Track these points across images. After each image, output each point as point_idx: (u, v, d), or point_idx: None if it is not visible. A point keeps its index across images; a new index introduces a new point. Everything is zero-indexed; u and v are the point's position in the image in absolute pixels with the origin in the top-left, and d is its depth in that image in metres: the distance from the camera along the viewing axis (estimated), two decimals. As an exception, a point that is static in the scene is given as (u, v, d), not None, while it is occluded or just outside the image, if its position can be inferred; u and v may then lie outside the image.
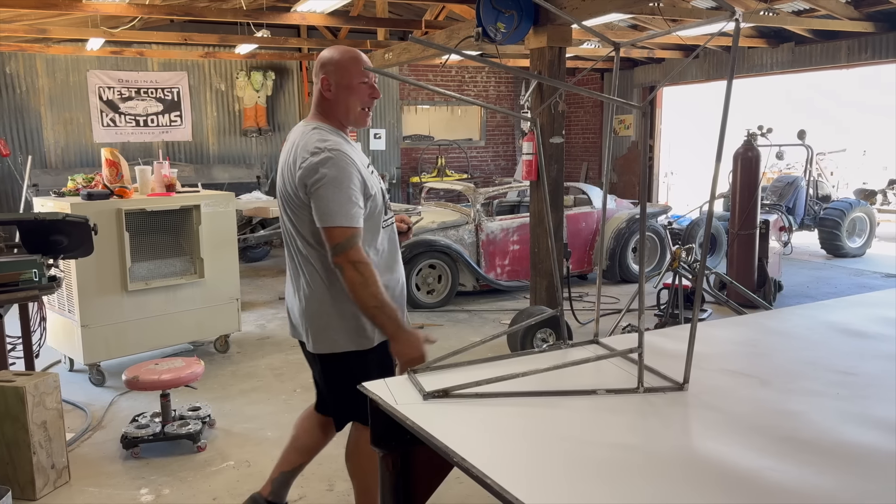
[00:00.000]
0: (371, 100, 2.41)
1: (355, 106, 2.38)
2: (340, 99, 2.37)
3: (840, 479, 1.33)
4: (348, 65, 2.35)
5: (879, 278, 8.37)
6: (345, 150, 2.30)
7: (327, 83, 2.37)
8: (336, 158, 2.26)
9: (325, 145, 2.28)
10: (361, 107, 2.40)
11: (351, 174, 2.26)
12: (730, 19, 1.60)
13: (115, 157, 5.03)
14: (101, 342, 4.81)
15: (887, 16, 8.31)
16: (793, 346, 2.19)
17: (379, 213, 2.42)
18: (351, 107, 2.38)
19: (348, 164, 2.27)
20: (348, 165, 2.27)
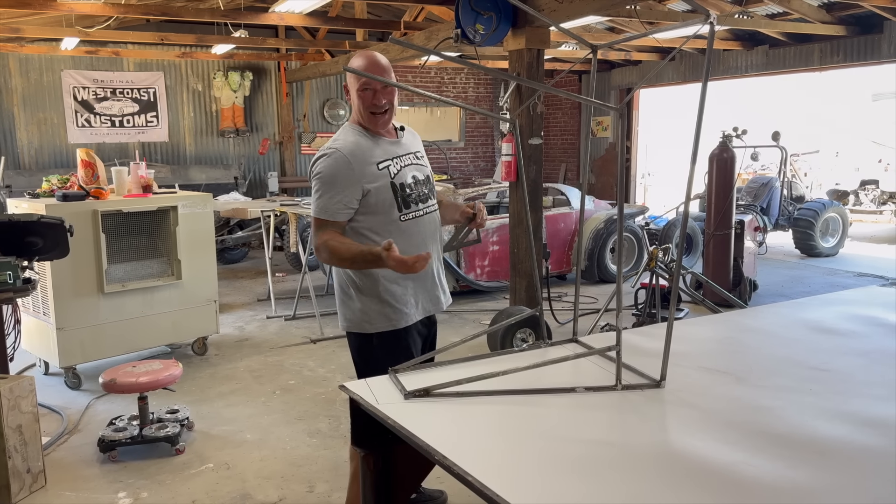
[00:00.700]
0: (373, 105, 2.49)
1: (362, 110, 2.52)
2: (354, 103, 2.54)
3: (812, 473, 1.36)
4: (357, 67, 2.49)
5: (852, 277, 8.51)
6: (344, 150, 2.44)
7: (346, 88, 2.57)
8: (330, 157, 2.44)
9: (330, 145, 2.49)
10: (367, 111, 2.51)
11: (336, 173, 2.42)
12: (704, 22, 1.63)
13: (90, 158, 4.97)
14: (77, 345, 4.76)
15: (858, 19, 8.46)
16: (767, 344, 2.23)
17: (386, 209, 2.50)
18: (360, 111, 2.52)
19: (337, 163, 2.42)
20: (338, 164, 2.42)
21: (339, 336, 6.04)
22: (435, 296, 2.69)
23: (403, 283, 2.56)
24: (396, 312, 2.55)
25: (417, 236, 2.57)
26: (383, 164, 2.50)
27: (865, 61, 8.75)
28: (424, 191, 2.62)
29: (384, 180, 2.48)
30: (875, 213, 14.13)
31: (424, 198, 2.61)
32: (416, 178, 2.59)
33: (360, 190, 2.44)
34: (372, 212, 2.48)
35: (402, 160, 2.57)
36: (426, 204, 2.62)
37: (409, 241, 2.54)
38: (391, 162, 2.53)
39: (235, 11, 8.41)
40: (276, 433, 4.07)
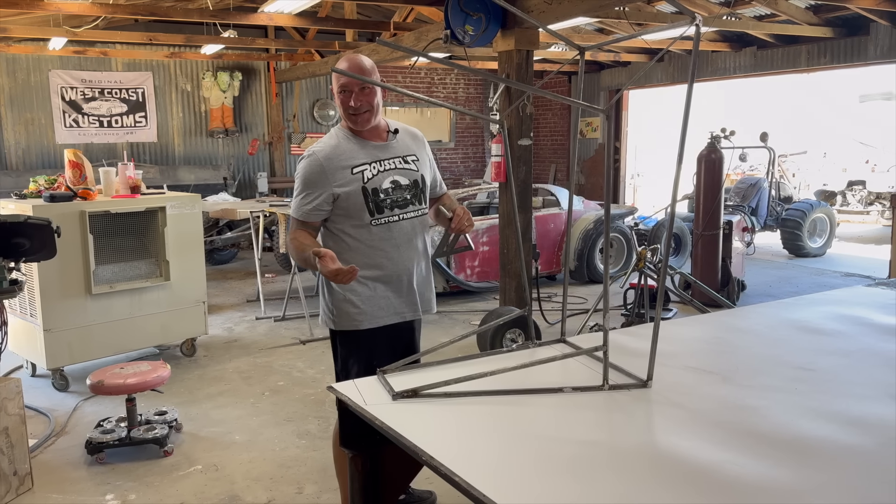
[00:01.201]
0: (348, 106, 2.53)
1: (343, 112, 2.58)
2: (338, 101, 2.60)
3: (797, 471, 1.37)
4: (336, 76, 2.55)
5: (839, 277, 8.57)
6: (321, 153, 2.55)
7: (333, 90, 2.61)
8: (307, 160, 2.57)
9: (313, 148, 2.60)
10: (345, 112, 2.56)
11: (308, 175, 2.54)
12: (690, 24, 1.64)
13: (78, 159, 4.94)
14: (65, 346, 4.73)
15: (845, 21, 8.53)
16: (754, 344, 2.24)
17: (357, 213, 2.55)
18: (342, 112, 2.59)
19: (311, 166, 2.55)
20: (311, 167, 2.54)
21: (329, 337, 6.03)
22: (411, 301, 2.69)
23: (373, 284, 2.60)
24: (361, 313, 2.60)
25: (390, 241, 2.60)
26: (359, 168, 2.55)
27: (852, 63, 8.81)
28: (406, 196, 2.62)
29: (355, 185, 2.53)
30: (862, 214, 14.25)
31: (404, 203, 2.62)
32: (396, 182, 2.60)
33: (330, 194, 2.53)
34: (345, 214, 2.57)
35: (382, 164, 2.59)
36: (405, 210, 2.62)
37: (382, 245, 2.59)
38: (367, 166, 2.56)
39: (224, 11, 8.39)
40: (265, 434, 4.06)
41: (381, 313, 2.64)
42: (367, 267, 2.57)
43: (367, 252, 2.59)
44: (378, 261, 2.60)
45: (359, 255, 2.57)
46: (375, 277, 2.61)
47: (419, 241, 2.71)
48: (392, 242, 2.61)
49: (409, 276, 2.67)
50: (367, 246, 2.58)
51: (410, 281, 2.68)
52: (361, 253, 2.58)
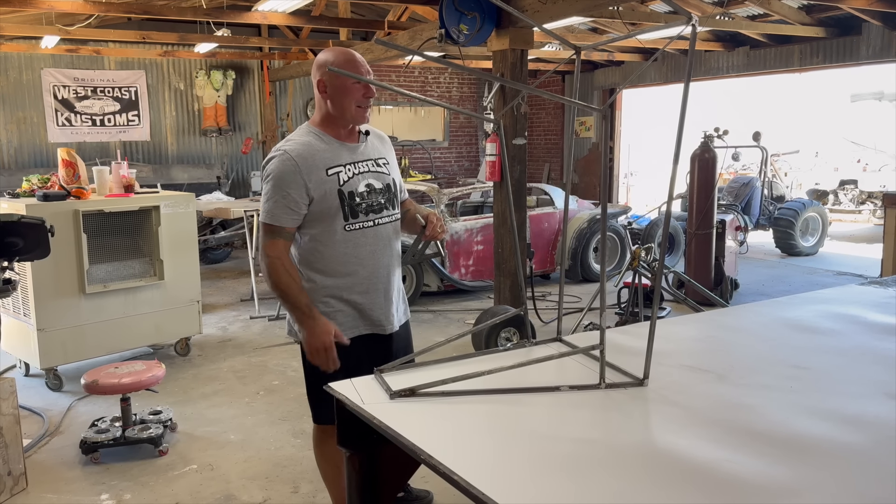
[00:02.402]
0: (366, 98, 2.44)
1: (350, 105, 2.43)
2: (335, 100, 2.43)
3: (793, 469, 1.38)
4: (342, 67, 2.38)
5: (831, 276, 8.62)
6: (293, 151, 2.39)
7: (323, 85, 2.44)
8: (277, 159, 2.40)
9: (280, 146, 2.44)
10: (357, 105, 2.44)
11: (282, 175, 2.37)
12: (686, 24, 1.65)
13: (71, 158, 4.92)
14: (58, 346, 4.72)
15: (837, 21, 8.57)
16: (748, 342, 2.26)
17: (330, 217, 2.43)
18: (346, 106, 2.43)
19: (283, 165, 2.38)
20: (285, 167, 2.38)
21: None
22: (387, 311, 2.58)
23: (346, 296, 2.48)
24: (335, 325, 2.45)
25: (364, 248, 2.49)
26: (333, 169, 2.43)
27: (844, 63, 8.86)
28: (380, 200, 2.52)
29: (331, 186, 2.41)
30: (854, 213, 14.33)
31: (378, 208, 2.51)
32: (371, 186, 2.50)
33: (306, 195, 2.38)
34: (316, 219, 2.42)
35: (356, 167, 2.48)
36: (379, 214, 2.52)
37: (354, 252, 2.47)
38: (342, 168, 2.45)
39: (218, 10, 8.36)
40: (260, 434, 4.06)
41: (356, 323, 2.52)
42: (340, 275, 2.46)
43: (341, 259, 2.46)
44: (352, 268, 2.48)
45: (331, 262, 2.46)
46: (349, 286, 2.49)
47: (393, 247, 2.59)
48: (367, 249, 2.49)
49: (385, 283, 2.56)
50: (341, 252, 2.45)
51: (387, 289, 2.57)
52: (334, 260, 2.46)
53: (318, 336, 2.36)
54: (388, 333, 2.61)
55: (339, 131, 2.49)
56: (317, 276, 2.47)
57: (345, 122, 2.48)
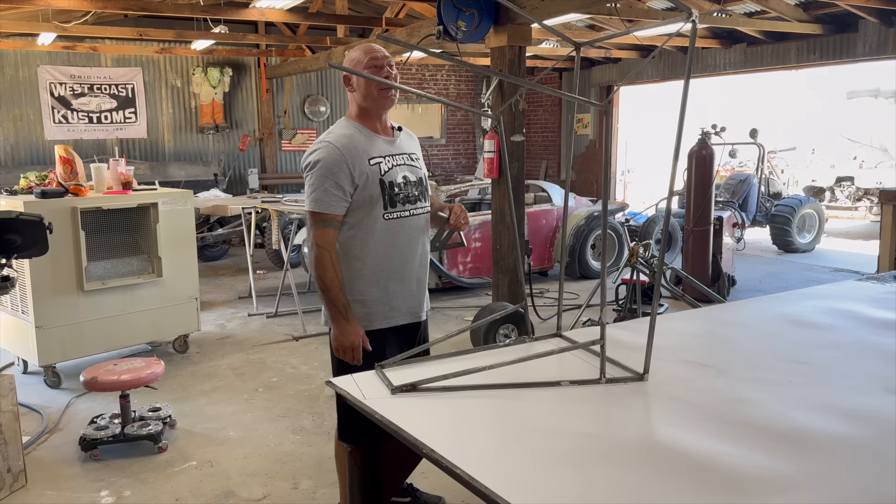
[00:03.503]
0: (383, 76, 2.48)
1: (372, 90, 2.49)
2: (360, 87, 2.51)
3: (793, 462, 1.39)
4: (359, 56, 2.50)
5: (828, 272, 8.64)
6: (336, 142, 2.45)
7: (347, 79, 2.55)
8: (323, 149, 2.45)
9: (323, 138, 2.50)
10: (378, 88, 2.49)
11: (329, 164, 2.42)
12: (686, 21, 1.65)
13: (69, 155, 4.92)
14: (57, 343, 4.71)
15: (834, 18, 8.58)
16: (747, 337, 2.27)
17: (370, 206, 2.49)
18: (368, 91, 2.50)
19: (329, 155, 2.43)
20: (331, 156, 2.43)
21: (322, 333, 6.04)
22: (420, 300, 2.68)
23: (383, 284, 2.55)
24: (371, 314, 2.54)
25: (401, 237, 2.56)
26: (374, 159, 2.50)
27: (841, 59, 8.88)
28: (415, 192, 2.60)
29: (373, 175, 2.48)
30: (850, 210, 14.37)
31: (413, 199, 2.59)
32: (406, 178, 2.57)
33: (351, 183, 2.44)
34: (357, 207, 2.48)
35: (394, 159, 2.56)
36: (414, 206, 2.59)
37: (392, 241, 2.54)
38: (383, 159, 2.52)
39: (215, 7, 8.34)
40: (260, 430, 4.06)
41: (393, 313, 2.59)
42: (378, 263, 2.53)
43: (380, 247, 2.52)
44: (390, 256, 2.54)
45: (371, 250, 2.51)
46: (387, 274, 2.55)
47: (424, 238, 2.67)
48: (403, 238, 2.57)
49: (418, 272, 2.64)
50: (380, 240, 2.52)
51: (420, 277, 2.66)
52: (373, 248, 2.51)
53: (349, 335, 2.46)
54: (419, 322, 2.70)
55: (375, 124, 2.57)
56: (356, 263, 2.52)
57: (375, 109, 2.54)
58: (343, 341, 2.47)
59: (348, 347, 2.46)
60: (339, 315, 2.46)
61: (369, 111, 2.54)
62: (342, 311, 2.45)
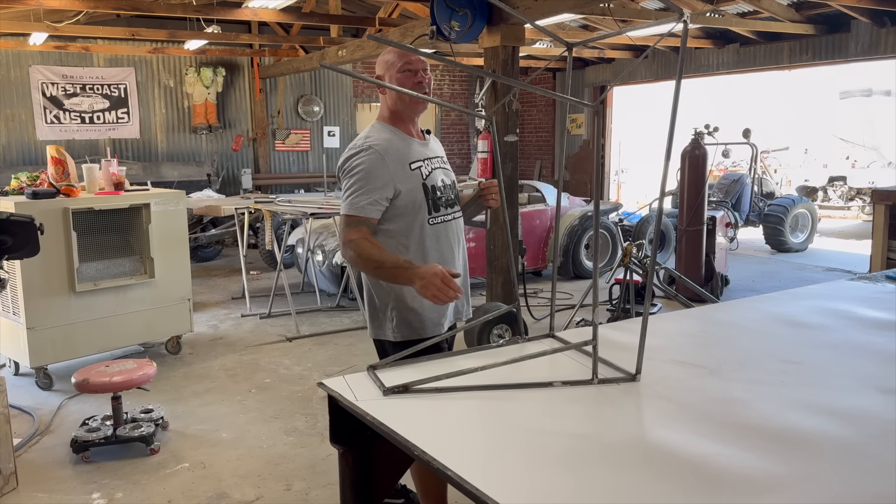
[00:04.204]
0: (419, 84, 2.45)
1: (403, 98, 2.45)
2: (392, 93, 2.46)
3: (784, 462, 1.39)
4: (393, 59, 2.46)
5: (821, 272, 8.67)
6: (378, 147, 2.39)
7: (381, 80, 2.48)
8: (364, 154, 2.38)
9: (363, 143, 2.42)
10: (407, 97, 2.44)
11: (370, 169, 2.35)
12: (678, 21, 1.65)
13: (60, 155, 4.89)
14: (48, 345, 4.69)
15: (826, 18, 8.61)
16: (739, 337, 2.27)
17: (414, 211, 2.43)
18: (400, 95, 2.44)
19: (371, 160, 2.37)
20: (372, 161, 2.36)
21: (315, 334, 6.03)
22: (464, 303, 2.64)
23: None
24: (423, 323, 2.46)
25: (445, 241, 2.51)
26: (415, 164, 2.44)
27: (833, 60, 8.91)
28: (451, 196, 2.56)
29: (416, 181, 2.42)
30: (843, 209, 14.43)
31: (452, 202, 2.55)
32: (444, 181, 2.54)
33: (392, 189, 2.36)
34: (400, 213, 2.41)
35: (431, 162, 2.51)
36: (454, 209, 2.56)
37: (437, 245, 2.48)
38: (423, 163, 2.47)
39: (208, 7, 8.31)
40: (253, 432, 4.05)
41: (443, 320, 2.52)
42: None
43: (426, 253, 2.44)
44: (436, 261, 2.44)
45: (417, 256, 2.43)
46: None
47: (463, 241, 2.63)
48: (446, 242, 2.51)
49: (462, 276, 2.56)
50: (426, 246, 2.45)
51: (464, 279, 2.60)
52: (420, 254, 2.44)
53: (428, 274, 2.13)
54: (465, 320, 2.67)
55: (409, 127, 2.52)
56: None
57: (408, 113, 2.49)
58: (428, 283, 2.12)
59: (436, 279, 2.11)
60: (407, 269, 2.22)
61: (402, 115, 2.49)
62: (405, 264, 2.25)
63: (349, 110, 12.56)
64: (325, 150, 12.25)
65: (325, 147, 12.28)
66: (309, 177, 12.02)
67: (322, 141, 12.30)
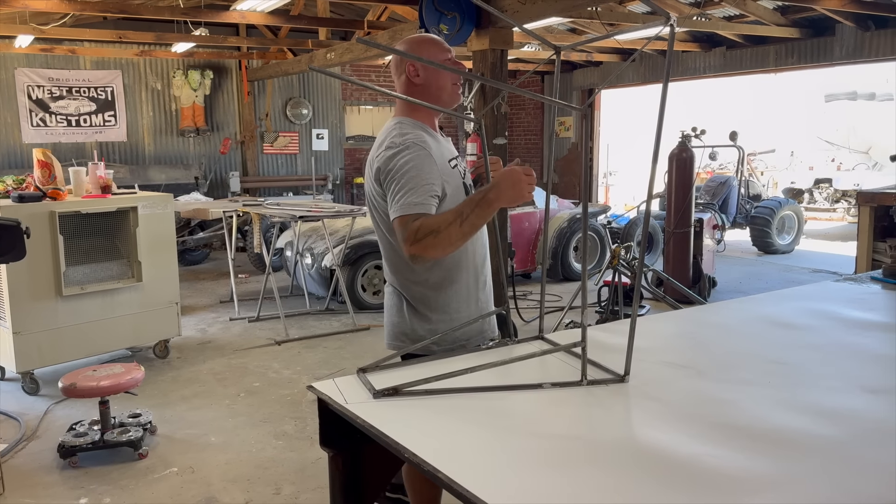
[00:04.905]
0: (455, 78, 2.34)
1: (446, 83, 2.31)
2: (431, 80, 2.30)
3: (772, 462, 1.40)
4: (429, 47, 2.30)
5: (807, 273, 8.74)
6: (423, 144, 2.21)
7: (414, 70, 2.29)
8: (412, 151, 2.18)
9: (402, 140, 2.21)
10: (452, 82, 2.33)
11: (421, 165, 2.16)
12: (665, 24, 1.66)
13: (47, 158, 4.86)
14: (35, 349, 4.65)
15: (812, 22, 8.69)
16: (727, 339, 2.28)
17: None
18: (442, 85, 2.30)
19: (422, 156, 2.18)
20: (422, 157, 2.18)
21: (305, 337, 6.02)
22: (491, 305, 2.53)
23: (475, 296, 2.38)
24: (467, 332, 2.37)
25: (479, 240, 2.42)
26: (452, 161, 2.33)
27: (818, 63, 8.99)
28: None
29: (457, 180, 2.30)
30: (829, 211, 14.54)
31: None
32: (470, 179, 2.46)
33: (441, 187, 2.19)
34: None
35: (459, 160, 2.40)
36: None
37: (472, 245, 2.36)
38: (457, 160, 2.36)
39: (195, 9, 8.30)
40: (242, 436, 4.04)
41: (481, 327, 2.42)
42: (469, 276, 2.37)
43: (464, 254, 2.32)
44: (476, 266, 2.38)
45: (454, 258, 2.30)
46: (475, 283, 2.38)
47: (486, 240, 2.51)
48: (480, 241, 2.41)
49: (488, 277, 2.50)
50: (469, 252, 2.33)
51: (488, 281, 2.51)
52: (464, 262, 2.34)
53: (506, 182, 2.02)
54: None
55: (434, 121, 2.38)
56: (454, 285, 2.35)
57: (441, 102, 2.31)
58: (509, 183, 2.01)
59: (516, 178, 2.02)
60: (485, 198, 2.05)
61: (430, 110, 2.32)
62: (479, 196, 2.06)
63: (338, 113, 12.54)
64: (314, 152, 12.23)
65: (313, 150, 12.26)
66: (298, 179, 12.00)
67: (311, 144, 12.27)
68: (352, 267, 6.83)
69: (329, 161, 12.43)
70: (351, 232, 6.76)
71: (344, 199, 12.43)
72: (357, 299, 6.83)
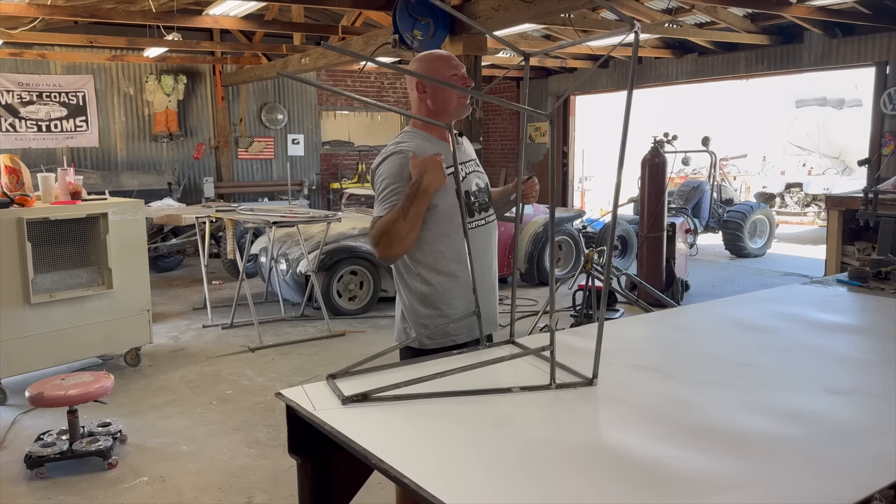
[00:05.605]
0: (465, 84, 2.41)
1: (452, 97, 2.39)
2: (437, 96, 2.40)
3: (736, 463, 1.42)
4: (437, 64, 2.40)
5: (778, 276, 8.86)
6: (409, 151, 2.32)
7: (421, 86, 2.40)
8: (395, 157, 2.33)
9: (392, 148, 2.38)
10: (458, 95, 2.39)
11: (399, 173, 2.29)
12: (629, 31, 1.68)
13: (15, 164, 4.79)
14: (2, 358, 4.57)
15: (781, 30, 8.84)
16: (695, 341, 2.31)
17: (452, 217, 2.37)
18: (448, 99, 2.40)
19: (400, 163, 2.31)
20: (400, 164, 2.31)
21: (279, 344, 5.97)
22: (495, 310, 2.59)
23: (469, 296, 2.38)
24: (458, 328, 2.42)
25: (479, 245, 2.46)
26: (449, 169, 2.36)
27: (788, 69, 9.14)
28: (485, 199, 2.53)
29: (451, 187, 2.34)
30: (800, 215, 14.77)
31: (486, 206, 2.51)
32: (478, 185, 2.50)
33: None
34: (438, 220, 2.36)
35: (466, 167, 2.46)
36: (488, 213, 2.52)
37: (474, 251, 2.38)
38: (464, 167, 2.43)
39: (168, 14, 8.22)
40: (214, 444, 4.00)
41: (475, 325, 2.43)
42: (464, 274, 2.38)
43: (463, 258, 2.38)
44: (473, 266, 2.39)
45: (454, 262, 2.40)
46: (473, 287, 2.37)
47: (495, 245, 2.59)
48: (481, 246, 2.47)
49: (492, 281, 2.55)
50: (463, 253, 2.37)
51: (493, 286, 2.57)
52: (457, 260, 2.40)
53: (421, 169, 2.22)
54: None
55: (444, 133, 2.44)
56: (440, 277, 2.41)
57: (448, 117, 2.41)
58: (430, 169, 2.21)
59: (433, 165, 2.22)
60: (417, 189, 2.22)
61: (440, 119, 2.40)
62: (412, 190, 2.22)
63: (314, 118, 12.49)
64: (290, 158, 12.16)
65: (289, 155, 12.20)
66: (273, 185, 11.93)
67: (286, 149, 12.21)
68: (327, 272, 6.80)
69: (305, 166, 12.37)
70: (326, 237, 6.74)
71: (320, 204, 12.37)
72: (332, 305, 6.80)
